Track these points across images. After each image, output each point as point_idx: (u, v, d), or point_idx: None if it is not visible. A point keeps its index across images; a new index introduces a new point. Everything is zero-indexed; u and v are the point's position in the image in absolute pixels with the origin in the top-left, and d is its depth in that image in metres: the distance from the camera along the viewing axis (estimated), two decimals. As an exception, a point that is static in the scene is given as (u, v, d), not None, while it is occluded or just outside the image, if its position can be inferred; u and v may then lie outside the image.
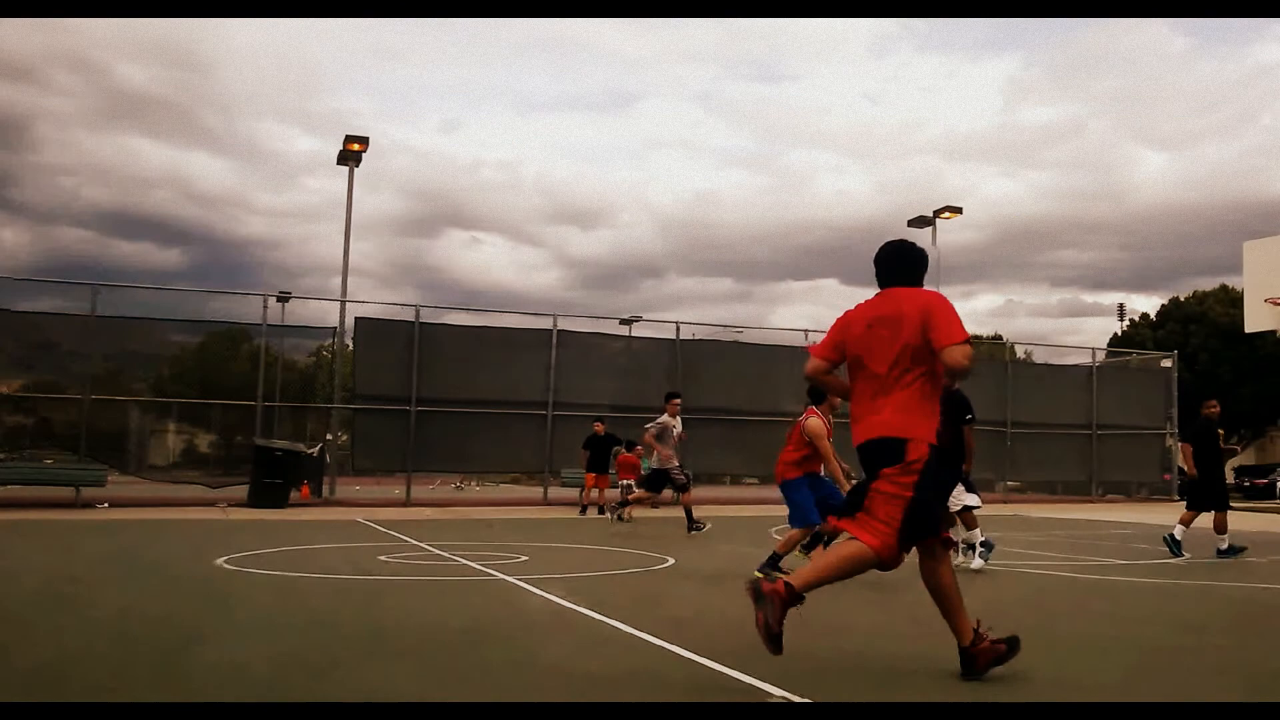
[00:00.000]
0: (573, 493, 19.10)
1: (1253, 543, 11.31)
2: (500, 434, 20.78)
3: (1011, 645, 4.46)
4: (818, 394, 8.45)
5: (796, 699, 4.10)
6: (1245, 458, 40.94)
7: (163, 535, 12.36)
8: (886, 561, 4.34)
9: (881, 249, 4.85)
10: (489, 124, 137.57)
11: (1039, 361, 32.29)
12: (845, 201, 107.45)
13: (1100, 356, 30.41)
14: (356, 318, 20.96)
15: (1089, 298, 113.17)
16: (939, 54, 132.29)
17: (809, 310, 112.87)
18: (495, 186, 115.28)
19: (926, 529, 4.40)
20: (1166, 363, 29.35)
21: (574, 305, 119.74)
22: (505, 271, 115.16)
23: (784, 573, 7.02)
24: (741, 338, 27.54)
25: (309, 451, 20.02)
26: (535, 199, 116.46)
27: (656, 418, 14.01)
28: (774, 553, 8.67)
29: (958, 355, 4.34)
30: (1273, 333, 15.52)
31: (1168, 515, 14.21)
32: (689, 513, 13.72)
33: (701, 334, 25.08)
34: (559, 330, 21.40)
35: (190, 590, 7.35)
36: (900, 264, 4.78)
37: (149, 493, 19.13)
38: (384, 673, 4.56)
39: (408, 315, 20.97)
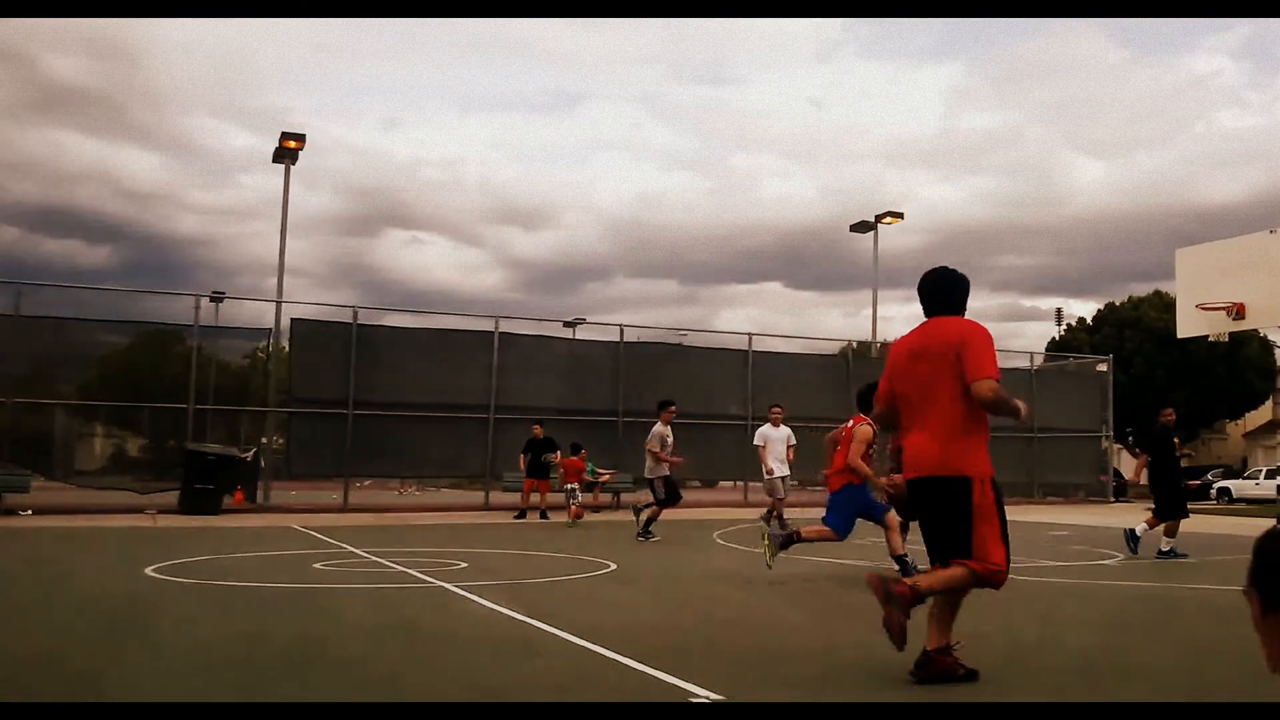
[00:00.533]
0: (515, 497, 18.99)
1: (1186, 544, 11.58)
2: (441, 438, 20.62)
3: (969, 675, 4.55)
4: (864, 402, 8.45)
5: (715, 697, 4.12)
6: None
7: (89, 543, 12.08)
8: (1003, 583, 4.61)
9: (922, 278, 4.94)
10: (430, 122, 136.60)
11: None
12: (789, 205, 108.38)
13: (1039, 360, 31.00)
14: (292, 319, 20.66)
15: (1028, 302, 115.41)
16: (882, 60, 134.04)
17: (754, 313, 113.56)
18: (437, 186, 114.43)
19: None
20: (1102, 367, 30.02)
21: (517, 307, 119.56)
22: (447, 272, 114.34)
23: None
24: (686, 341, 27.65)
25: (243, 456, 19.69)
26: (478, 199, 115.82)
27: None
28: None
29: (982, 390, 4.48)
30: (1204, 338, 15.90)
31: (1104, 517, 14.55)
32: (646, 518, 13.61)
33: (646, 337, 25.12)
34: (501, 332, 21.29)
35: (115, 601, 7.20)
36: (938, 293, 4.89)
37: (75, 499, 18.65)
38: (311, 684, 4.51)
39: (345, 316, 20.72)
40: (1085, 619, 6.95)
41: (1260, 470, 38.41)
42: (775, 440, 14.64)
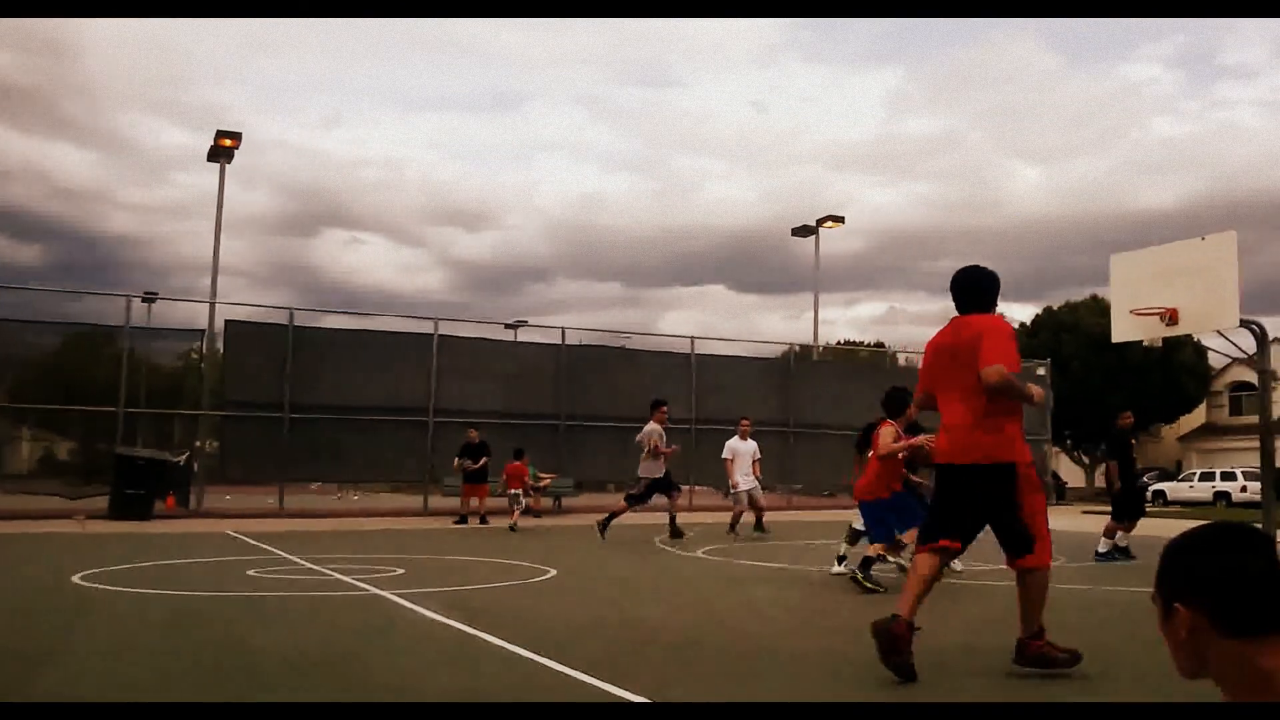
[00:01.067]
0: (455, 502, 18.86)
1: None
2: (379, 441, 20.39)
3: (1073, 656, 4.90)
4: (892, 408, 8.62)
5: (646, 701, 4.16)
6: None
7: (14, 550, 11.80)
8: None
9: (954, 277, 5.29)
10: (371, 121, 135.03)
11: (919, 368, 33.29)
12: (732, 208, 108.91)
13: (978, 364, 31.49)
14: (227, 320, 20.35)
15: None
16: (823, 64, 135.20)
17: (697, 316, 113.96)
18: (377, 185, 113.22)
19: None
20: (1041, 371, 30.55)
21: (459, 308, 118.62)
22: (387, 273, 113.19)
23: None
24: (629, 344, 27.68)
25: (175, 460, 19.35)
26: (418, 199, 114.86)
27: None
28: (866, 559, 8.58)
29: (989, 376, 4.77)
30: (1139, 342, 16.26)
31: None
32: (607, 521, 13.94)
33: (589, 340, 25.10)
34: (441, 335, 21.15)
35: (41, 609, 7.05)
36: (968, 291, 5.22)
37: (1, 504, 18.20)
38: (238, 697, 4.46)
39: (281, 318, 20.44)
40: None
41: (1195, 473, 39.39)
42: (743, 454, 14.91)
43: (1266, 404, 16.62)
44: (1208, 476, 37.50)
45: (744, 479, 14.69)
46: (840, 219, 31.17)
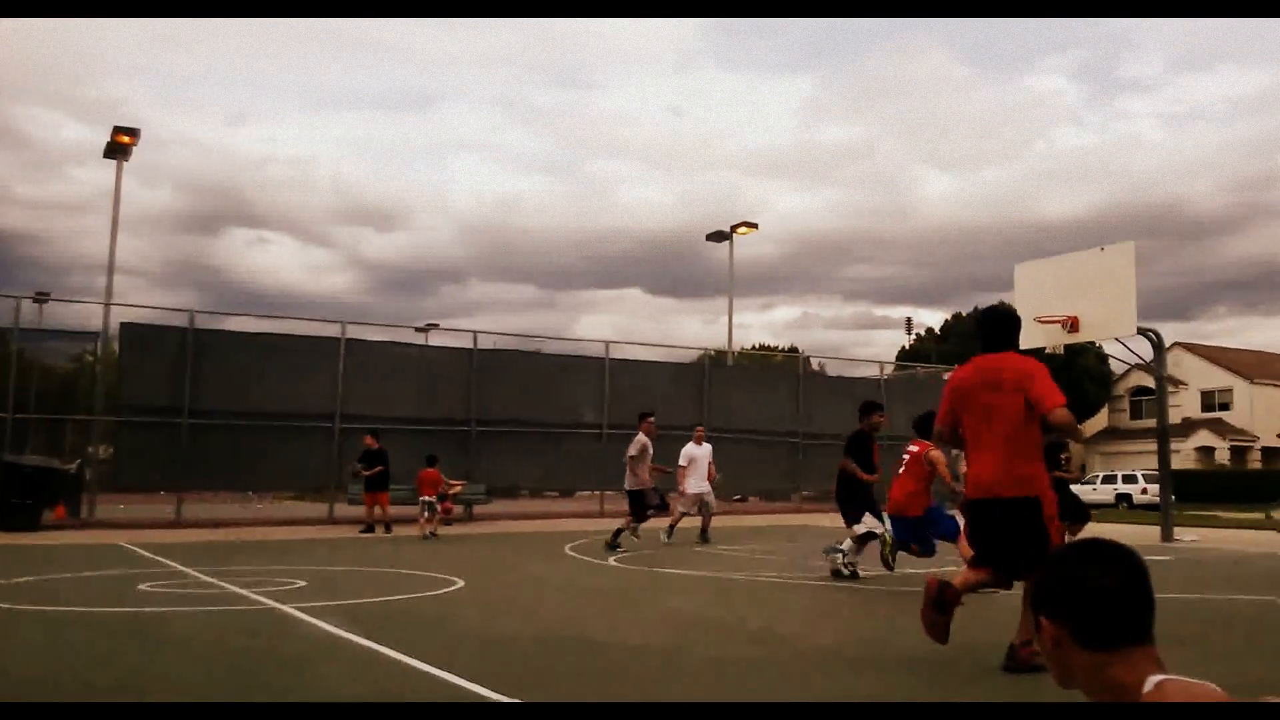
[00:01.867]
0: (362, 510, 18.52)
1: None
2: (283, 448, 19.91)
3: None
4: (925, 429, 8.97)
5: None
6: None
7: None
8: None
9: (984, 316, 5.69)
10: (279, 118, 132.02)
11: (832, 374, 33.74)
12: (649, 211, 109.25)
13: (889, 370, 32.09)
14: (122, 323, 19.70)
15: (880, 311, 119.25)
16: (740, 70, 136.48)
17: (614, 320, 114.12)
18: (284, 183, 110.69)
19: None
20: (947, 376, 31.27)
21: (369, 309, 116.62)
22: (293, 274, 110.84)
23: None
24: (543, 348, 27.56)
25: (65, 468, 18.65)
26: (328, 198, 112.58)
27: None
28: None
29: (1061, 415, 5.09)
30: (1043, 349, 16.73)
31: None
32: (618, 533, 13.82)
33: (502, 344, 24.91)
34: (348, 338, 20.77)
35: (-91, 631, 6.70)
36: (1000, 330, 5.57)
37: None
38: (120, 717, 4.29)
39: (181, 320, 19.89)
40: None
41: (1098, 476, 40.66)
42: (700, 458, 15.00)
43: (1163, 409, 17.24)
44: (1110, 479, 38.73)
45: (699, 483, 14.83)
46: (754, 225, 31.47)
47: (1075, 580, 1.67)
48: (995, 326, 5.58)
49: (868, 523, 10.11)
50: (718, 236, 31.96)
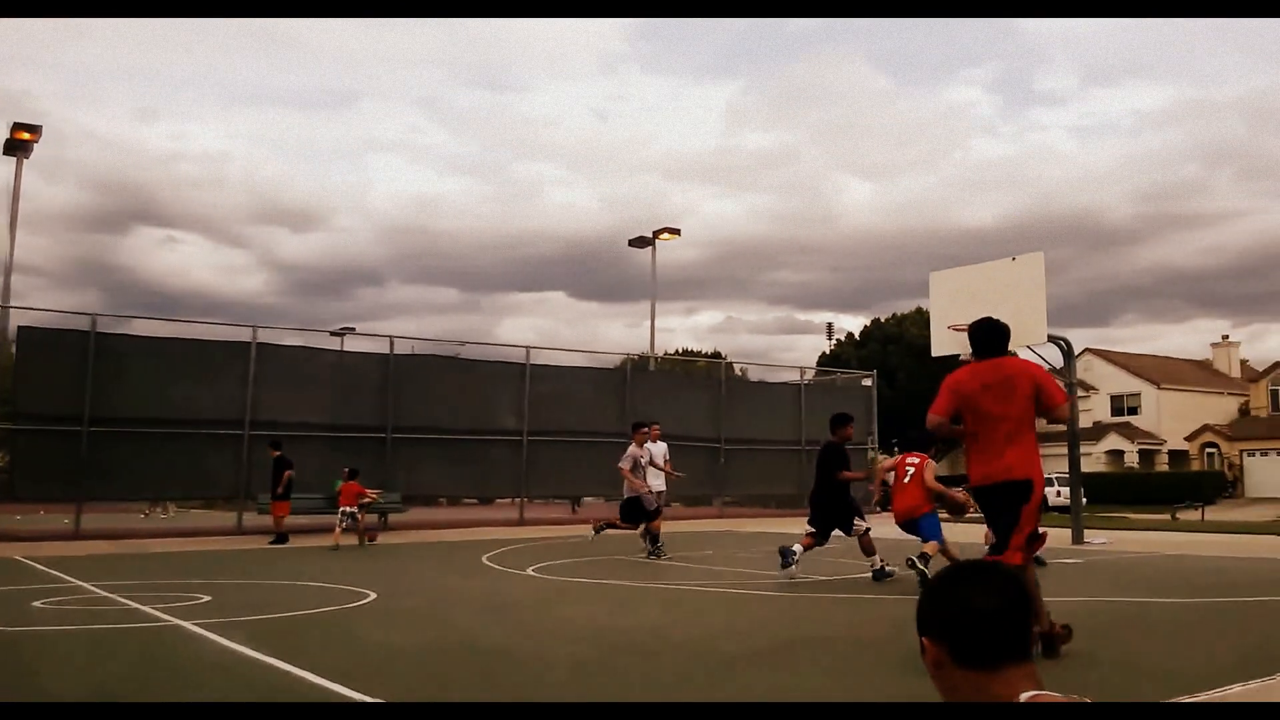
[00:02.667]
0: (271, 520, 18.13)
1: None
2: (189, 456, 19.34)
3: (1068, 630, 5.97)
4: (924, 443, 10.24)
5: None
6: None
7: None
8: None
9: (978, 328, 6.33)
10: (190, 114, 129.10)
11: (753, 379, 34.01)
12: (572, 215, 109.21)
13: (809, 375, 32.46)
14: (20, 326, 19.02)
15: (802, 316, 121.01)
16: (664, 75, 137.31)
17: (537, 323, 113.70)
18: (195, 182, 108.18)
19: (1038, 544, 6.12)
20: (867, 381, 31.71)
21: (284, 311, 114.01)
22: (205, 274, 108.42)
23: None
24: (462, 353, 27.31)
25: (-44, 478, 17.96)
26: (241, 197, 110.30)
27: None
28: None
29: (1065, 411, 6.21)
30: (955, 356, 17.05)
31: (873, 526, 15.26)
32: (654, 538, 13.91)
33: (420, 348, 24.63)
34: (260, 343, 20.31)
35: None
36: (995, 339, 6.26)
37: None
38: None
39: (83, 324, 19.26)
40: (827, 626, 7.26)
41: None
42: (657, 455, 15.01)
43: (1074, 414, 17.69)
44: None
45: (656, 480, 14.91)
46: (676, 231, 31.62)
47: (955, 603, 1.71)
48: (987, 335, 6.25)
49: (860, 524, 10.97)
50: (640, 242, 32.05)
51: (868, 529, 10.92)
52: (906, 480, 10.44)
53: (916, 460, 10.44)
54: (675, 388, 28.02)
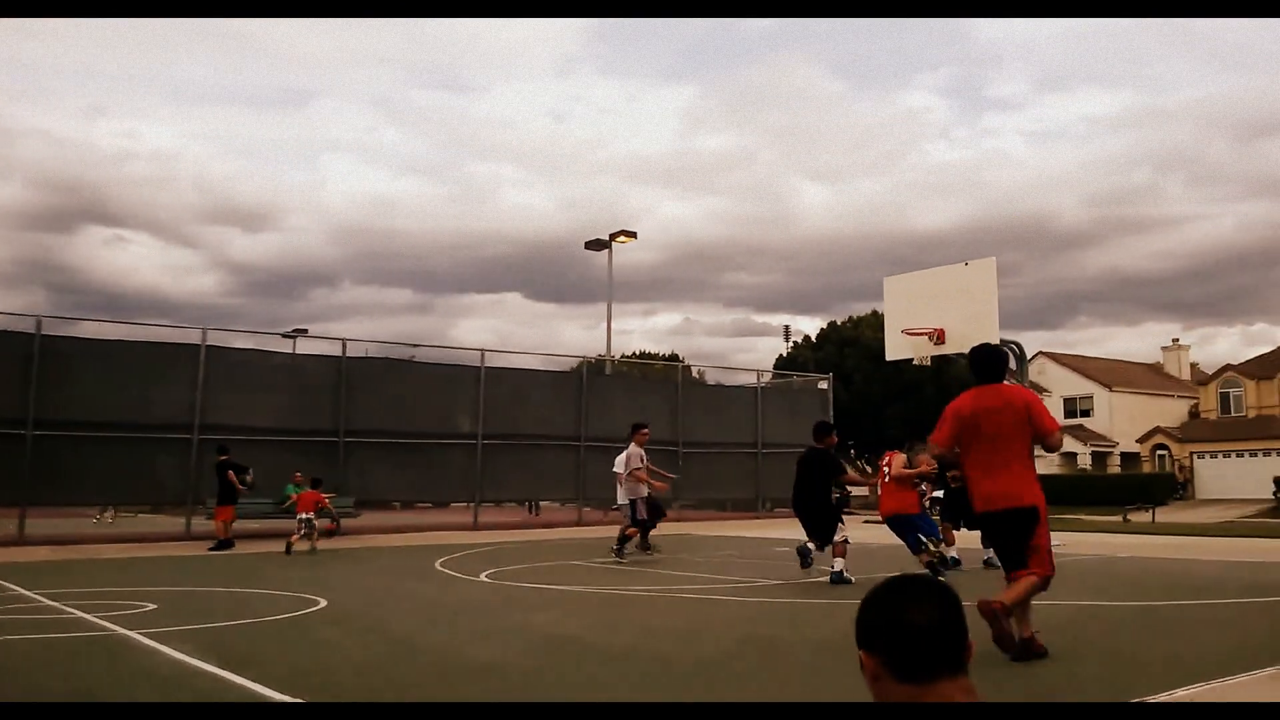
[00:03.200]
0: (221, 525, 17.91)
1: (904, 559, 12.50)
2: (137, 461, 19.05)
3: (1041, 652, 6.07)
4: (898, 443, 11.00)
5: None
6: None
7: None
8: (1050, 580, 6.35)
9: (978, 354, 6.62)
10: (140, 112, 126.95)
11: (710, 382, 34.13)
12: (529, 216, 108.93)
13: (766, 378, 32.61)
14: (-38, 328, 18.67)
15: (759, 318, 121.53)
16: (621, 78, 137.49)
17: (493, 324, 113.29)
18: (146, 180, 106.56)
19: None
20: (823, 384, 31.93)
21: (237, 311, 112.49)
22: (155, 274, 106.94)
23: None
24: (417, 355, 27.15)
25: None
26: (192, 196, 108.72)
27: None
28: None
29: (1057, 439, 6.34)
30: (909, 360, 17.26)
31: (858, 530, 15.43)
32: (623, 538, 14.39)
33: (374, 350, 24.45)
34: (210, 345, 20.06)
35: None
36: (993, 366, 6.57)
37: None
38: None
39: (27, 325, 18.92)
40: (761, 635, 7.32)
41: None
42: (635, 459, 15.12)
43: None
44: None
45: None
46: (633, 234, 31.66)
47: (890, 618, 1.75)
48: (985, 362, 6.56)
49: (844, 529, 11.24)
50: (597, 245, 32.06)
51: (846, 539, 11.10)
52: (887, 480, 11.12)
53: (888, 459, 11.29)
54: (632, 390, 28.02)
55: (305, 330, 30.77)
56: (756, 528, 23.43)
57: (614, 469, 15.33)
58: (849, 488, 13.97)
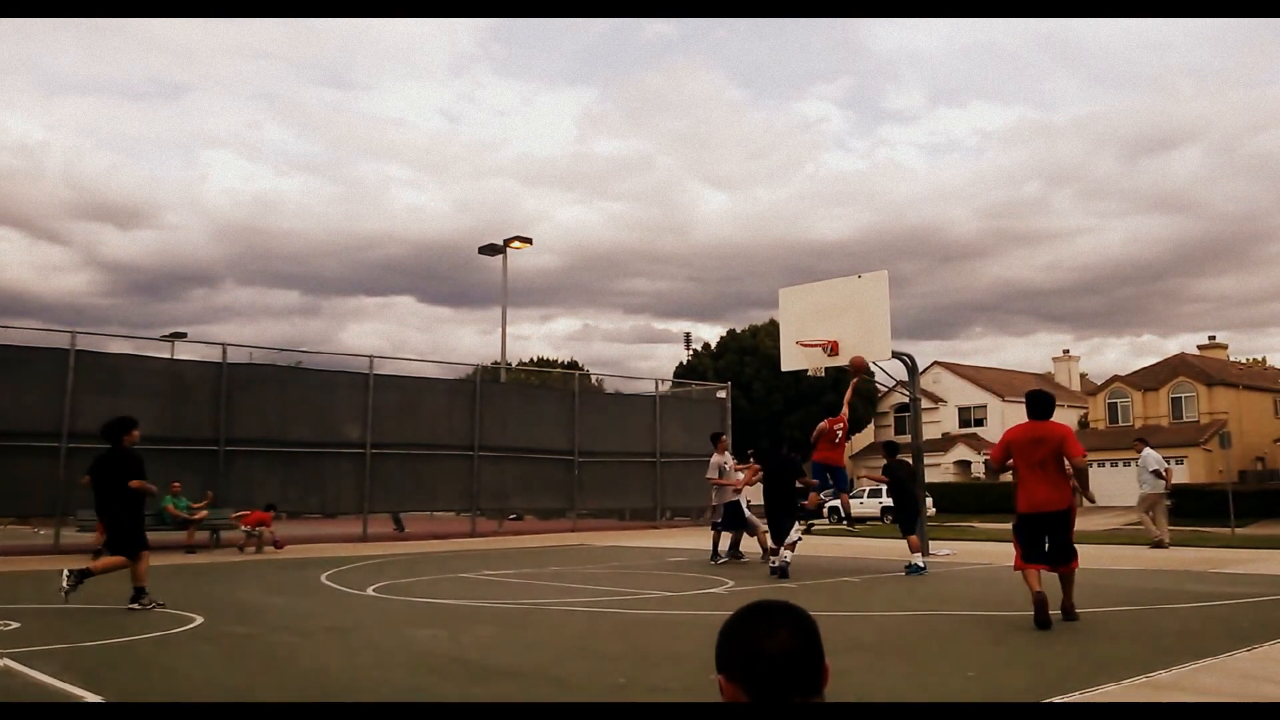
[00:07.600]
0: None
1: (806, 568, 12.77)
2: (1, 470, 18.44)
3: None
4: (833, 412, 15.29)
5: None
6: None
7: None
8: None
9: (1036, 398, 8.95)
10: (5, 101, 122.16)
11: (608, 390, 34.27)
12: (421, 218, 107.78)
13: (665, 386, 32.90)
14: None
15: (659, 325, 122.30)
16: (517, 79, 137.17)
17: (384, 328, 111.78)
18: (9, 173, 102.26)
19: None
20: (721, 393, 32.34)
21: (110, 312, 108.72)
22: (20, 272, 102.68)
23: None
24: (303, 361, 26.73)
25: None
26: (61, 191, 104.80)
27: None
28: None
29: (1082, 463, 8.62)
30: (804, 371, 17.64)
31: (724, 539, 15.65)
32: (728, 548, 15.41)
33: (258, 356, 23.99)
34: (79, 350, 19.45)
35: None
36: (1046, 407, 8.89)
37: None
38: None
39: (-122, 327, 18.12)
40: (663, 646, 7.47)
41: (864, 490, 43.03)
42: (729, 468, 15.58)
43: (918, 427, 18.51)
44: (875, 493, 41.04)
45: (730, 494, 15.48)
46: (528, 240, 31.66)
47: (746, 645, 1.81)
48: (1040, 404, 8.87)
49: (799, 528, 13.29)
50: (491, 250, 31.96)
51: (800, 538, 13.23)
52: (821, 440, 14.81)
53: (826, 424, 14.90)
54: (528, 399, 27.99)
55: (184, 334, 30.06)
56: (655, 537, 23.61)
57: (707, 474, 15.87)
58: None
